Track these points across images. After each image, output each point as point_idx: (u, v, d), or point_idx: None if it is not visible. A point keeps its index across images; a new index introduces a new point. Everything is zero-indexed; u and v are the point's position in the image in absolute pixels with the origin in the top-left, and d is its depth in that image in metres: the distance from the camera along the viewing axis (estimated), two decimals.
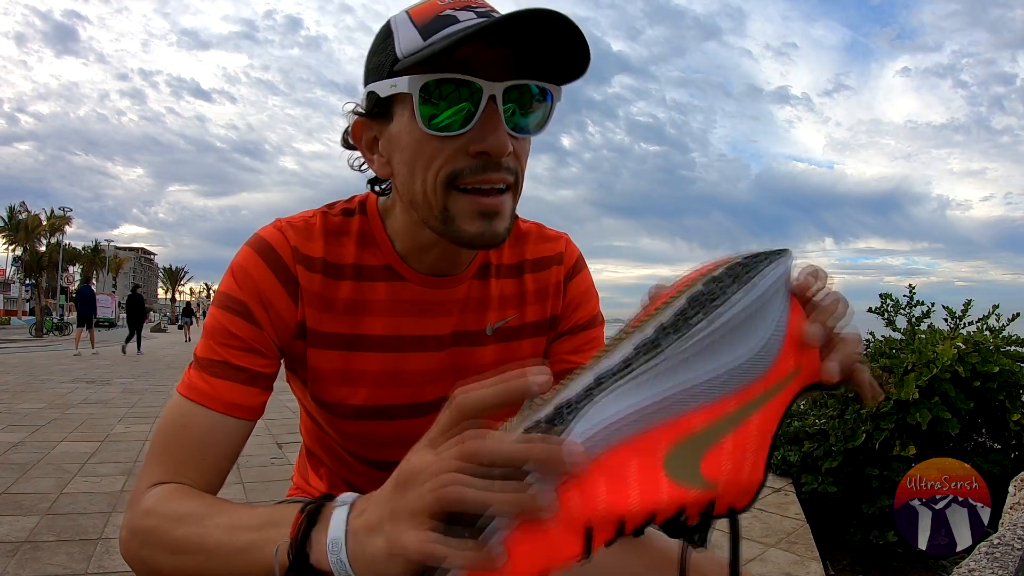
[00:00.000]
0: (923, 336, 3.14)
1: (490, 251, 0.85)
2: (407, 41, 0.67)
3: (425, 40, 0.65)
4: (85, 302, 14.25)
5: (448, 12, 0.66)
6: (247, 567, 0.56)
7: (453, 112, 0.66)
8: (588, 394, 0.38)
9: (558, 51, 0.66)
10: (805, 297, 0.45)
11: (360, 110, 0.75)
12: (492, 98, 0.65)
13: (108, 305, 41.14)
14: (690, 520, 0.40)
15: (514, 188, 0.71)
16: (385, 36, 0.70)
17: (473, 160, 0.67)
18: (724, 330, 0.39)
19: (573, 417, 0.37)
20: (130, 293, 15.69)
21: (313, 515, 0.52)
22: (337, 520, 0.49)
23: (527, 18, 0.61)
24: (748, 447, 0.40)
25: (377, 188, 0.82)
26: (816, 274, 0.46)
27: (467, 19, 0.65)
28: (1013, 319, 3.15)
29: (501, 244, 0.73)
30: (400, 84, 0.66)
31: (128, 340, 14.54)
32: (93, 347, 14.14)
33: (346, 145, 0.80)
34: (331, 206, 0.83)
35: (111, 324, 39.86)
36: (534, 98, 0.69)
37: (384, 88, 0.68)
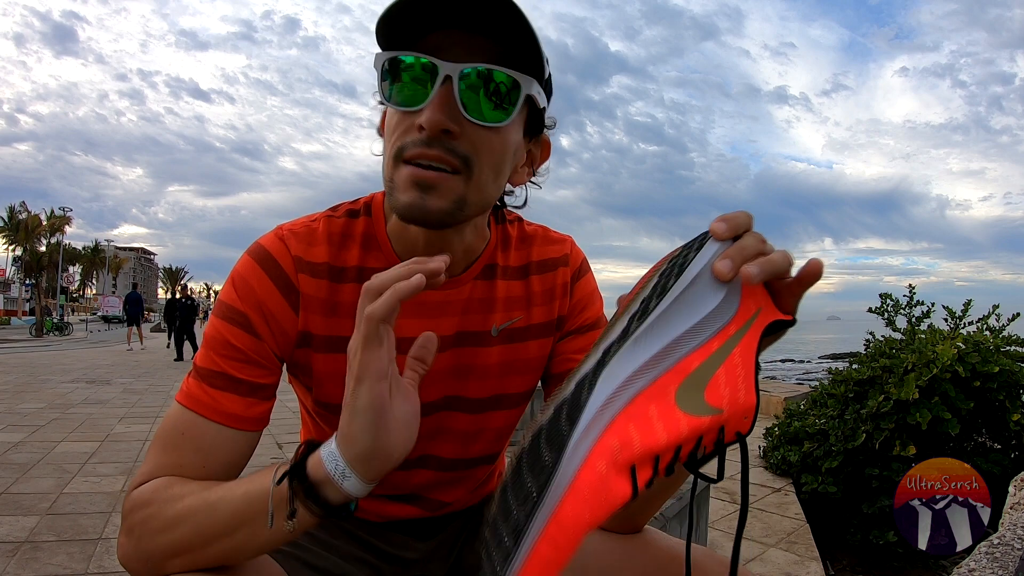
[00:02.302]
0: (923, 336, 3.14)
1: (496, 252, 0.85)
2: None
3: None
4: (134, 305, 16.23)
5: None
6: (249, 506, 0.61)
7: (410, 89, 0.67)
8: (601, 363, 0.47)
9: (525, 42, 0.66)
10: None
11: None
12: (448, 79, 0.65)
13: (115, 305, 46.62)
14: (707, 449, 0.46)
15: (465, 173, 0.69)
16: None
17: (418, 134, 0.67)
18: (690, 289, 0.50)
19: (593, 386, 0.45)
20: (168, 299, 18.43)
21: (313, 444, 0.61)
22: (331, 438, 0.60)
23: None
24: (738, 374, 0.47)
25: None
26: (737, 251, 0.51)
27: None
28: (1013, 319, 3.15)
29: (437, 224, 0.71)
30: (375, 60, 0.69)
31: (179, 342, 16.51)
32: (142, 343, 16.32)
33: (380, 133, 0.80)
34: (335, 209, 0.82)
35: (120, 321, 46.00)
36: (500, 86, 0.67)
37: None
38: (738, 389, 0.47)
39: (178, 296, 14.26)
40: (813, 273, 0.53)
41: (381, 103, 0.77)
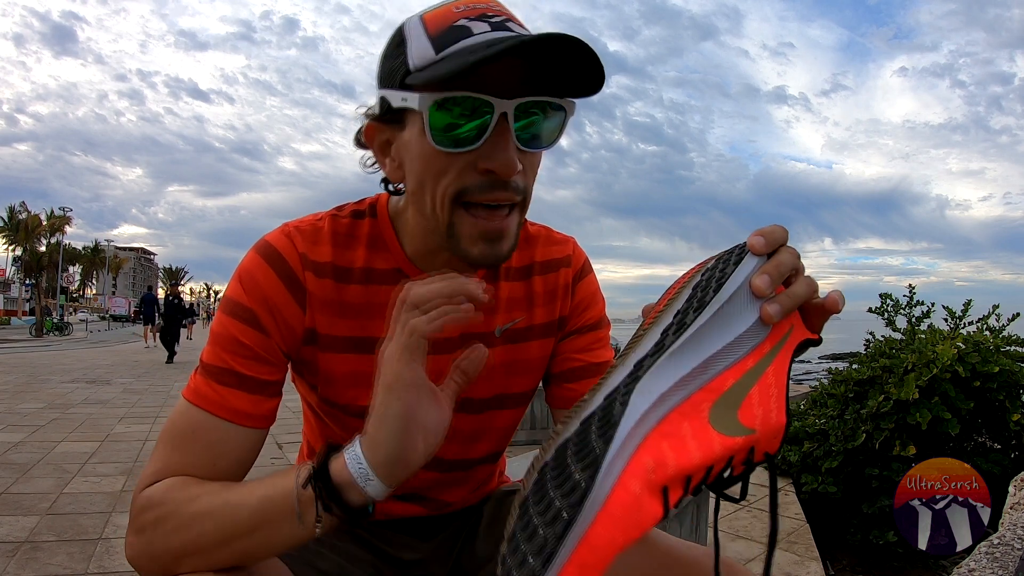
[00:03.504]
0: (923, 336, 3.14)
1: None
2: (419, 52, 0.65)
3: (437, 53, 0.64)
4: (149, 305, 16.83)
5: (462, 23, 0.64)
6: (268, 509, 0.61)
7: (463, 129, 0.65)
8: (634, 377, 0.45)
9: (572, 68, 0.65)
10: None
11: (374, 112, 0.73)
12: (503, 115, 0.64)
13: (122, 306, 50.10)
14: (736, 470, 0.46)
15: (521, 205, 0.71)
16: (398, 43, 0.68)
17: (481, 177, 0.66)
18: (728, 305, 0.48)
19: (627, 401, 0.44)
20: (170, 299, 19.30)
21: (334, 446, 0.62)
22: (354, 442, 0.60)
23: (543, 43, 0.60)
24: (771, 394, 0.47)
25: (391, 188, 0.81)
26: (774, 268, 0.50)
27: (481, 31, 0.64)
28: (1013, 319, 3.16)
29: (506, 261, 0.74)
30: (411, 100, 0.65)
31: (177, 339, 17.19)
32: (155, 342, 16.31)
33: (359, 145, 0.79)
34: (340, 208, 0.82)
35: (127, 320, 48.58)
36: (547, 113, 0.68)
37: (396, 99, 0.67)
38: (770, 409, 0.46)
39: (167, 295, 14.30)
40: (834, 307, 0.53)
41: (370, 117, 0.75)
